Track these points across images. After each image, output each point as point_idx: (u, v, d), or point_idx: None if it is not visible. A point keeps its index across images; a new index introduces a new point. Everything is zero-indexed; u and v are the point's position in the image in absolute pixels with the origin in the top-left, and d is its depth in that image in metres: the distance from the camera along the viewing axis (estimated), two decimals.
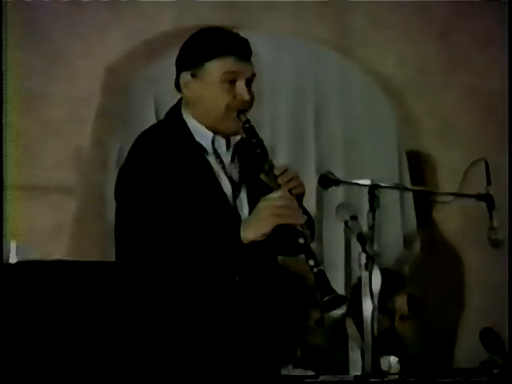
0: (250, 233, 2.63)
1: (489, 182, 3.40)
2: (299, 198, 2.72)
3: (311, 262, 2.63)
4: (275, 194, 2.66)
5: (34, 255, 2.99)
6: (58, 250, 3.87)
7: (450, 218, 4.43)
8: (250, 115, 2.87)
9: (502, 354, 3.44)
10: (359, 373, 3.39)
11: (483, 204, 3.37)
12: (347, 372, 3.59)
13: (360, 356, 3.53)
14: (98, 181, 3.85)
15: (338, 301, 2.63)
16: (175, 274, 2.55)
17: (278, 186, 2.68)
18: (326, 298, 2.58)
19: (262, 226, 2.65)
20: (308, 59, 4.43)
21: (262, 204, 2.65)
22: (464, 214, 3.79)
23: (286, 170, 2.69)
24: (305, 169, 4.09)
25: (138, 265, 2.59)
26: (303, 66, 4.44)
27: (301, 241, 2.65)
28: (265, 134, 3.04)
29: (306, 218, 2.70)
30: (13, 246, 3.20)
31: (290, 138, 4.30)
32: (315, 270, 2.62)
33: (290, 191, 2.68)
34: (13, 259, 3.12)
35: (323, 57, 4.46)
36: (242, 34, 2.93)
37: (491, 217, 3.36)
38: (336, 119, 4.37)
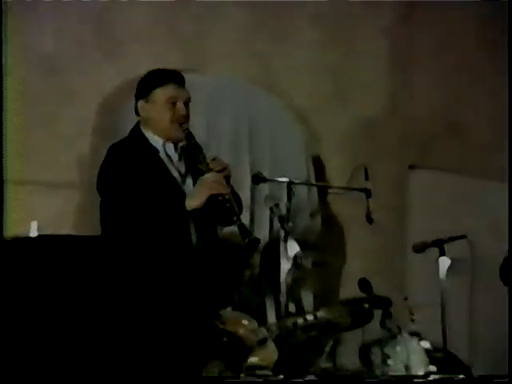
0: (192, 201, 2.70)
1: (366, 179, 3.60)
2: (227, 178, 2.79)
3: (235, 218, 2.72)
4: (208, 174, 2.74)
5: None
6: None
7: (342, 204, 4.40)
8: (202, 132, 3.08)
9: (370, 292, 3.52)
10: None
11: (363, 194, 3.58)
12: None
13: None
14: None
15: (255, 242, 2.71)
16: (143, 236, 2.63)
17: (210, 170, 2.76)
18: (247, 240, 2.68)
19: (199, 195, 2.71)
20: (243, 93, 4.37)
21: (199, 182, 2.74)
22: (351, 201, 3.79)
23: (214, 158, 2.82)
24: (241, 171, 4.09)
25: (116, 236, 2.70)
26: (240, 99, 4.36)
27: (227, 204, 2.71)
28: (212, 147, 3.20)
29: (229, 189, 2.75)
30: (34, 224, 3.27)
31: (231, 149, 4.22)
32: (238, 222, 2.71)
33: (218, 172, 2.76)
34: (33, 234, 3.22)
35: (253, 91, 4.40)
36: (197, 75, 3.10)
37: (368, 203, 3.56)
38: (263, 136, 4.36)
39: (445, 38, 4.87)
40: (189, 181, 2.83)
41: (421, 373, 3.42)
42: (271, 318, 3.58)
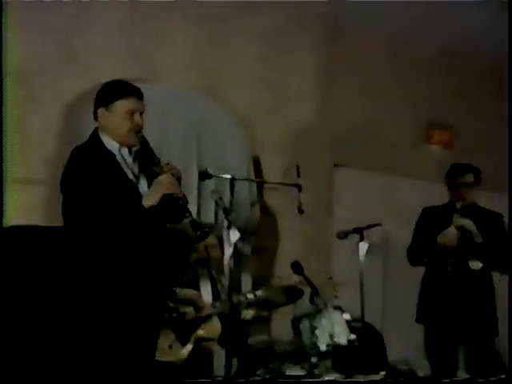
0: (148, 200, 2.66)
1: (298, 176, 3.56)
2: (178, 180, 2.75)
3: (187, 214, 2.71)
4: (162, 176, 2.71)
5: None
6: None
7: (277, 197, 4.44)
8: (155, 137, 2.95)
9: (301, 273, 3.58)
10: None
11: (295, 189, 3.54)
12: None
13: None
14: None
15: (205, 234, 2.72)
16: (101, 230, 2.58)
17: (163, 172, 2.71)
18: (198, 233, 2.70)
19: (155, 195, 2.67)
20: (191, 101, 4.35)
21: (155, 183, 2.70)
22: (284, 195, 3.80)
23: (168, 163, 2.79)
24: (190, 170, 4.05)
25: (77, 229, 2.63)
26: (188, 106, 4.34)
27: (180, 202, 2.69)
28: (163, 149, 3.13)
29: (181, 190, 2.72)
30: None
31: (181, 151, 4.20)
32: (190, 219, 2.71)
33: (172, 175, 2.73)
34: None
35: (200, 100, 4.39)
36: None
37: (299, 196, 3.51)
38: (209, 139, 4.37)
39: (362, 58, 5.03)
40: (142, 181, 2.79)
41: (343, 340, 3.47)
42: (215, 296, 3.49)
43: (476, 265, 3.74)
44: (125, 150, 2.78)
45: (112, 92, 2.80)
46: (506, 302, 3.87)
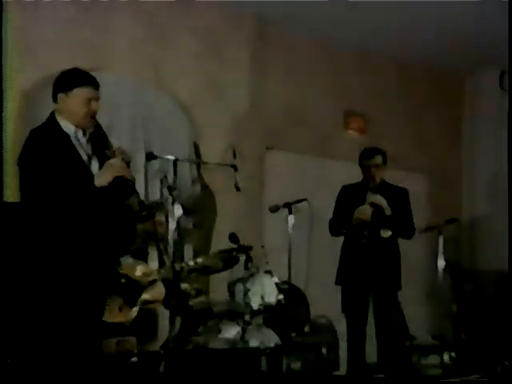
0: (99, 180, 2.61)
1: (234, 157, 3.50)
2: (128, 164, 2.70)
3: (136, 196, 2.68)
4: (114, 160, 2.66)
5: None
6: None
7: (215, 177, 4.42)
8: (106, 122, 2.86)
9: (237, 243, 3.59)
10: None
11: (232, 169, 3.45)
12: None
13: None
14: None
15: (151, 214, 2.73)
16: (55, 205, 2.53)
17: (114, 156, 2.67)
18: (145, 212, 2.69)
19: (106, 176, 2.62)
20: (139, 90, 4.31)
21: (107, 165, 2.66)
22: (222, 174, 3.72)
23: (119, 147, 2.75)
24: (138, 151, 4.02)
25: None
26: (137, 94, 4.30)
27: (130, 183, 2.65)
28: (114, 134, 3.07)
29: (131, 172, 2.67)
30: None
31: (130, 135, 4.15)
32: (138, 199, 2.68)
33: (122, 159, 2.68)
34: None
35: (146, 89, 4.35)
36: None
37: (235, 176, 3.45)
38: (155, 124, 4.31)
39: (290, 55, 5.07)
40: (94, 162, 2.74)
41: (273, 300, 3.54)
42: (161, 264, 3.55)
43: (386, 233, 3.85)
44: (79, 132, 2.73)
45: (72, 79, 2.73)
46: (408, 261, 4.02)
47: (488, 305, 5.09)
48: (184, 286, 3.40)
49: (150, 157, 3.34)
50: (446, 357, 3.94)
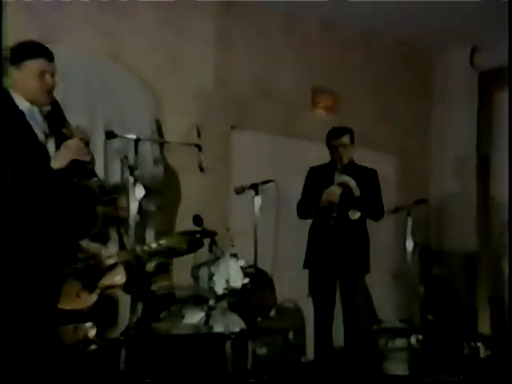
0: (56, 162, 2.58)
1: (199, 136, 3.40)
2: (87, 144, 2.65)
3: (95, 179, 2.67)
4: (71, 141, 2.61)
5: None
6: None
7: (179, 156, 4.27)
8: (60, 97, 2.77)
9: (201, 225, 3.53)
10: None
11: (196, 148, 3.32)
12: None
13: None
14: None
15: (112, 200, 2.77)
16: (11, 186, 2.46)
17: (72, 136, 2.63)
18: (106, 198, 2.74)
19: (63, 158, 2.58)
20: (95, 63, 4.20)
21: (64, 146, 2.60)
22: (186, 154, 3.54)
23: (77, 126, 2.70)
24: (97, 129, 3.94)
25: None
26: (93, 68, 4.19)
27: (88, 166, 2.61)
28: (69, 110, 2.85)
29: (90, 155, 2.64)
30: None
31: (86, 112, 4.06)
32: (99, 183, 2.68)
33: (80, 139, 2.64)
34: None
35: (104, 62, 4.25)
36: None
37: (199, 155, 3.32)
38: (114, 101, 4.24)
39: (256, 29, 5.02)
40: (51, 141, 2.67)
41: (238, 284, 3.52)
42: (121, 247, 3.51)
43: (355, 215, 3.88)
44: (35, 110, 2.65)
45: (22, 52, 2.66)
46: (375, 243, 4.07)
47: (455, 286, 5.18)
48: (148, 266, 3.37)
49: (109, 135, 3.21)
50: (413, 340, 4.01)
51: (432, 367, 3.96)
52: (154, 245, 3.36)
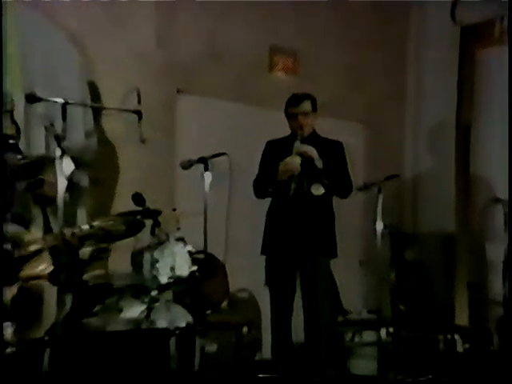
0: None
1: (139, 102, 3.36)
2: (11, 113, 2.66)
3: (20, 157, 2.66)
4: None
5: None
6: None
7: (116, 125, 4.24)
8: None
9: (142, 205, 3.51)
10: None
11: (135, 115, 3.34)
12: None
13: None
14: None
15: (39, 182, 2.65)
16: None
17: None
18: (32, 180, 2.63)
19: None
20: (17, 18, 4.00)
21: None
22: (124, 122, 3.59)
23: None
24: (16, 92, 3.67)
25: None
26: (14, 25, 3.99)
27: (10, 141, 2.62)
28: None
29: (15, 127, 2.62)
30: None
31: (8, 73, 3.64)
32: (23, 162, 2.63)
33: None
34: None
35: (27, 16, 4.08)
36: None
37: (140, 124, 3.31)
38: (38, 59, 4.11)
39: None
40: None
41: (185, 272, 3.51)
42: (46, 230, 3.37)
43: (318, 190, 3.89)
44: None
45: None
46: (341, 224, 4.09)
47: (431, 272, 5.27)
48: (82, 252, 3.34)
49: (30, 99, 3.15)
50: (383, 333, 4.07)
51: (404, 363, 4.04)
52: (86, 227, 3.31)
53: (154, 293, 3.41)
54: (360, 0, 5.58)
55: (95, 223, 3.37)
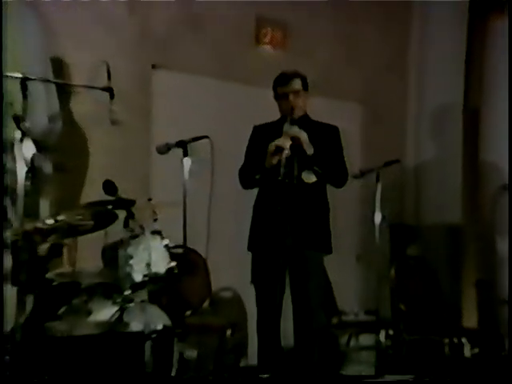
0: None
1: (109, 78, 3.38)
2: None
3: None
4: None
5: None
6: None
7: (84, 104, 4.27)
8: None
9: (114, 194, 3.53)
10: None
11: (106, 93, 3.35)
12: None
13: None
14: None
15: None
16: None
17: None
18: None
19: None
20: None
21: None
22: (93, 100, 3.60)
23: None
24: None
25: None
26: None
27: None
28: None
29: None
30: None
31: None
32: None
33: None
34: None
35: None
36: None
37: (111, 103, 3.33)
38: None
39: None
40: None
41: (162, 269, 3.54)
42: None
43: (309, 177, 3.87)
44: None
45: None
46: (338, 217, 4.06)
47: (435, 269, 5.22)
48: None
49: None
50: (382, 336, 4.07)
51: (405, 369, 4.04)
52: (50, 220, 3.30)
53: (127, 292, 3.40)
54: None
55: (60, 217, 3.35)
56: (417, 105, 5.94)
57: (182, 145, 3.84)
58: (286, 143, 3.81)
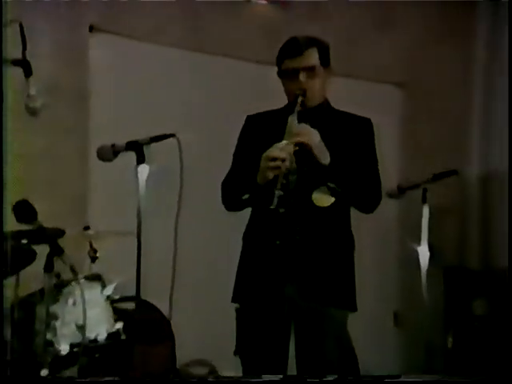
0: None
1: (24, 48, 3.32)
2: None
3: None
4: None
5: None
6: None
7: None
8: None
9: (32, 221, 3.47)
10: None
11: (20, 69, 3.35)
12: None
13: None
14: None
15: None
16: None
17: None
18: None
19: None
20: None
21: None
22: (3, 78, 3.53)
23: None
24: None
25: None
26: None
27: None
28: None
29: None
30: None
31: None
32: None
33: None
34: None
35: None
36: None
37: (29, 83, 3.36)
38: None
39: None
40: None
41: (101, 334, 3.64)
42: None
43: (323, 199, 3.88)
44: None
45: None
46: (367, 257, 4.13)
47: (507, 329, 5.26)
48: None
49: None
50: None
51: None
52: None
53: (44, 372, 3.45)
54: None
55: None
56: (481, 90, 6.02)
57: (136, 147, 3.79)
58: (286, 151, 3.81)
